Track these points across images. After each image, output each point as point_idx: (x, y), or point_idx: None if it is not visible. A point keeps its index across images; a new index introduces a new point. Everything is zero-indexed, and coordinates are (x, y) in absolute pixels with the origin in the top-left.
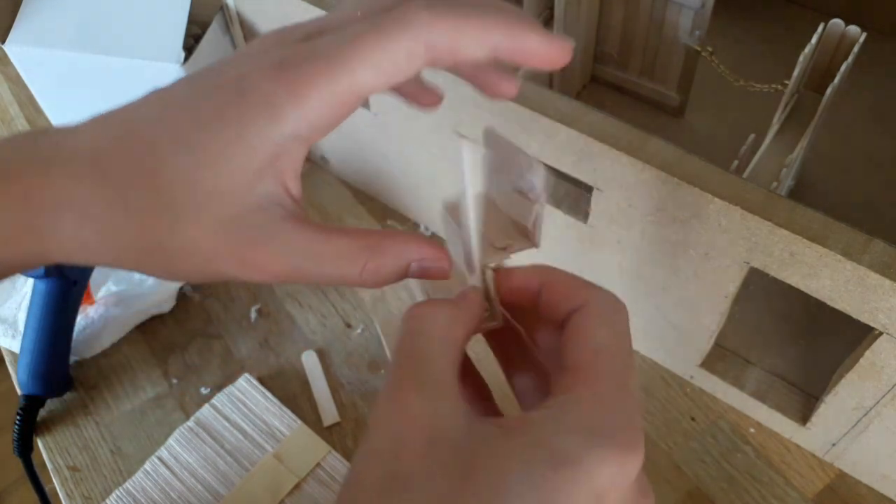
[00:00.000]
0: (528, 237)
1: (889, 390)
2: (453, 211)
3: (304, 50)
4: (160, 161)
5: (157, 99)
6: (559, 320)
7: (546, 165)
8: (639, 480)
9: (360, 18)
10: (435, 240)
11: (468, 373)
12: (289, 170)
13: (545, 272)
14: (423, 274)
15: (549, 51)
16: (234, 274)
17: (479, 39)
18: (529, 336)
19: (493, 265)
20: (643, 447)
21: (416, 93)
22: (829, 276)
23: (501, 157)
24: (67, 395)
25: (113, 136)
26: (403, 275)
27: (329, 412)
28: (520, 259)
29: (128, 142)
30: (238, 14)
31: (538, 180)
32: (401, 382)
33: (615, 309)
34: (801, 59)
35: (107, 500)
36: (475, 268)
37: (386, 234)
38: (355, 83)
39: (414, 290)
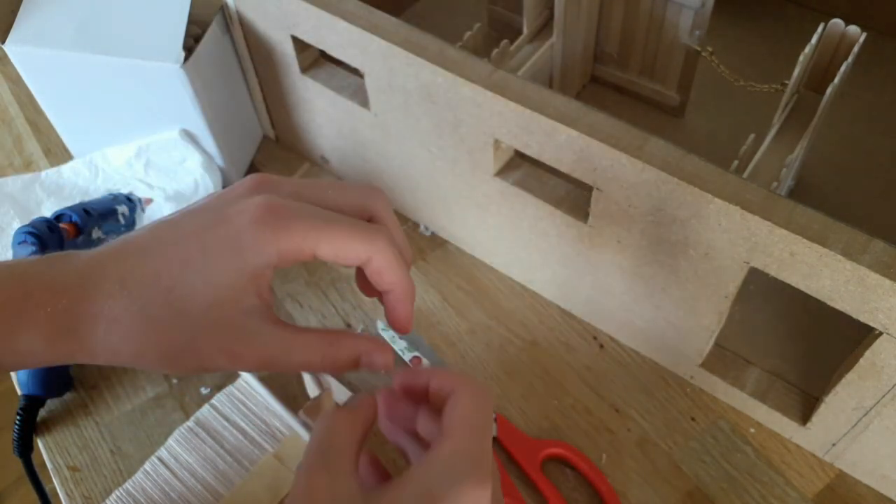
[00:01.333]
0: None
1: (889, 390)
2: None
3: (292, 209)
4: (174, 280)
5: (168, 229)
6: (441, 405)
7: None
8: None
9: (339, 207)
10: (381, 338)
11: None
12: (265, 286)
13: (432, 373)
14: (370, 365)
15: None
16: (226, 365)
17: (390, 279)
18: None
19: None
20: (490, 482)
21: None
22: (829, 276)
23: None
24: (67, 395)
25: (134, 262)
26: (356, 364)
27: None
28: None
29: (148, 265)
30: (238, 14)
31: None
32: (313, 468)
33: (477, 391)
34: (801, 59)
35: (107, 500)
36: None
37: (343, 332)
38: (316, 249)
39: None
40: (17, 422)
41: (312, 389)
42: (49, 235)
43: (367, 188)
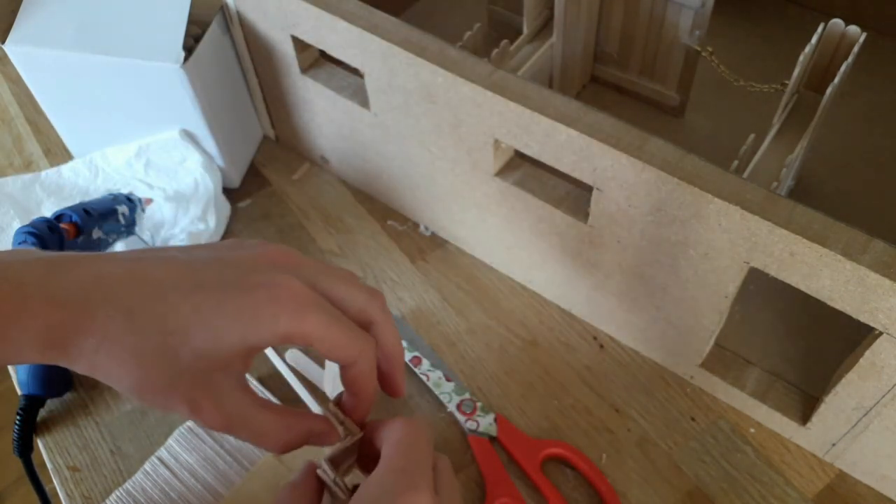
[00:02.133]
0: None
1: (889, 390)
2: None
3: (310, 301)
4: (179, 326)
5: (187, 271)
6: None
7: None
8: None
9: (344, 307)
10: (329, 416)
11: None
12: (251, 359)
13: (369, 427)
14: (318, 444)
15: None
16: (185, 414)
17: (360, 386)
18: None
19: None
20: (424, 490)
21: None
22: (829, 275)
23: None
24: (67, 395)
25: (147, 295)
26: (305, 444)
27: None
28: None
29: (159, 303)
30: (238, 14)
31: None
32: None
33: (407, 421)
34: (801, 59)
35: (107, 501)
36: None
37: (298, 417)
38: (314, 343)
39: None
40: (17, 422)
41: (331, 389)
42: (49, 235)
43: (370, 293)
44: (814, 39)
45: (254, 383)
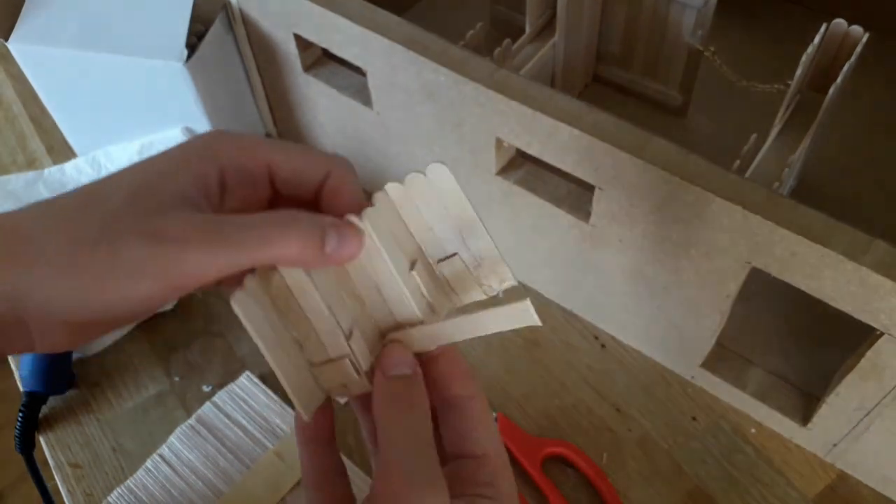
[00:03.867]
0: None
1: (890, 391)
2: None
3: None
4: (99, 183)
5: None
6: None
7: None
8: None
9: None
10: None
11: None
12: (208, 184)
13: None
14: (337, 253)
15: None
16: (148, 259)
17: (350, 197)
18: None
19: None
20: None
21: None
22: (831, 276)
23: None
24: (69, 393)
25: (70, 195)
26: (321, 254)
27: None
28: None
29: (81, 192)
30: (241, 12)
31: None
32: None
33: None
34: (803, 59)
35: (108, 498)
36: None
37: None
38: (271, 160)
39: None
40: (19, 419)
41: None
42: None
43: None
44: (816, 39)
45: (254, 380)
